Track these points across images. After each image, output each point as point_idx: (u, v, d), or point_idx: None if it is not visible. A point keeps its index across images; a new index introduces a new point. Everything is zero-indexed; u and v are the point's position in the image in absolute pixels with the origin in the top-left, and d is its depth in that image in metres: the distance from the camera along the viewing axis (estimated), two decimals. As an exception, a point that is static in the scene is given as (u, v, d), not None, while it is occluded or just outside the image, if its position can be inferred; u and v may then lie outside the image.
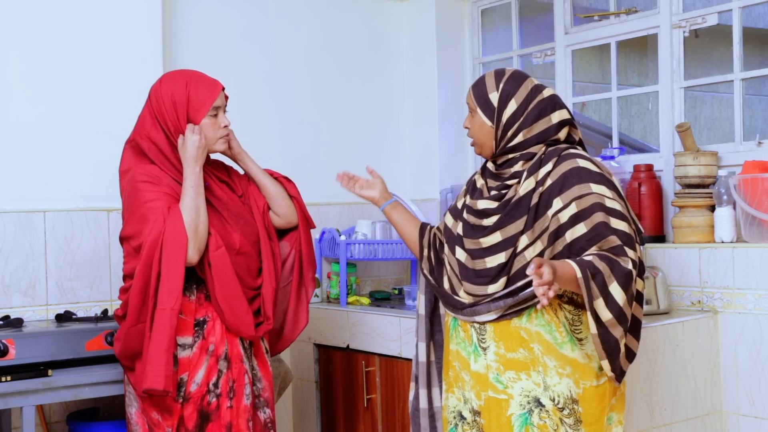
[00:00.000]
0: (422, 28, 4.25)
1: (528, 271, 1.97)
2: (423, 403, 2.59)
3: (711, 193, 3.19)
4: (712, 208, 3.20)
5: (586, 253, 2.14)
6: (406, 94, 4.34)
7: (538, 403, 2.25)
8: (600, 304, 2.08)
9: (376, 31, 4.26)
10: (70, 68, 3.33)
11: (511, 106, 2.32)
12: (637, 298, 2.25)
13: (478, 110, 2.36)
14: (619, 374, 2.21)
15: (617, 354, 2.15)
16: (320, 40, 4.08)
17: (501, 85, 2.34)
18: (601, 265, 2.08)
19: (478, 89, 2.38)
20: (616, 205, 2.20)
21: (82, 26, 3.35)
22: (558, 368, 2.24)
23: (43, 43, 3.28)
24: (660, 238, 3.37)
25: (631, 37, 3.69)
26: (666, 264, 3.22)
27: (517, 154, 2.34)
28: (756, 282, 2.99)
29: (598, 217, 2.17)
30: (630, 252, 2.14)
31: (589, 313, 2.08)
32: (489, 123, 2.34)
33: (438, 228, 2.60)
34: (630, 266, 2.11)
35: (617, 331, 2.11)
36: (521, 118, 2.32)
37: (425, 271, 2.54)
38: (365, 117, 4.21)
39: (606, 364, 2.16)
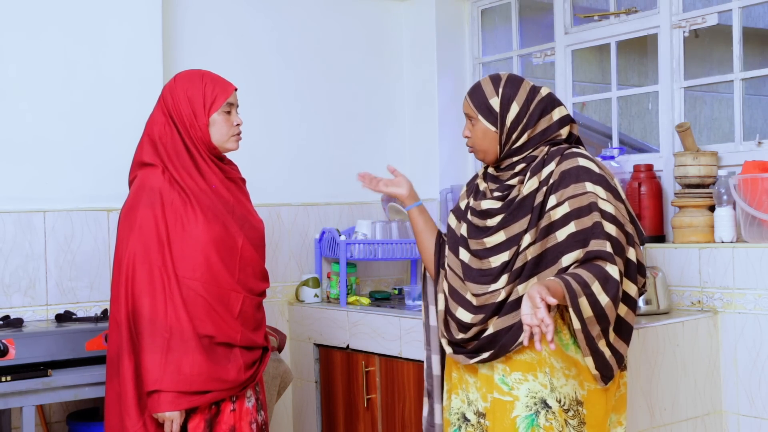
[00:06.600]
0: (422, 28, 4.24)
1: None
2: (438, 419, 2.53)
3: (711, 193, 3.19)
4: (712, 208, 3.19)
5: (574, 264, 2.17)
6: (406, 94, 4.33)
7: (545, 405, 2.24)
8: (584, 302, 2.10)
9: (376, 31, 4.26)
10: (70, 68, 3.33)
11: (514, 109, 2.31)
12: (629, 302, 2.25)
13: (480, 117, 2.34)
14: (606, 375, 2.22)
15: (596, 350, 2.16)
16: (320, 39, 4.08)
17: (500, 90, 2.33)
18: (585, 274, 2.12)
19: (477, 96, 2.35)
20: (608, 207, 2.21)
21: (82, 26, 3.35)
22: (564, 369, 2.24)
23: (43, 43, 3.28)
24: (660, 238, 3.37)
25: (631, 37, 3.69)
26: (666, 264, 3.22)
27: (520, 157, 2.34)
28: (756, 282, 2.99)
29: (590, 218, 2.18)
30: (617, 258, 2.16)
31: (572, 310, 2.10)
32: (493, 128, 2.33)
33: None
34: (615, 273, 2.13)
35: (594, 329, 2.13)
36: (525, 119, 2.31)
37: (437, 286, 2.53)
38: (365, 117, 4.21)
39: (590, 361, 2.17)
